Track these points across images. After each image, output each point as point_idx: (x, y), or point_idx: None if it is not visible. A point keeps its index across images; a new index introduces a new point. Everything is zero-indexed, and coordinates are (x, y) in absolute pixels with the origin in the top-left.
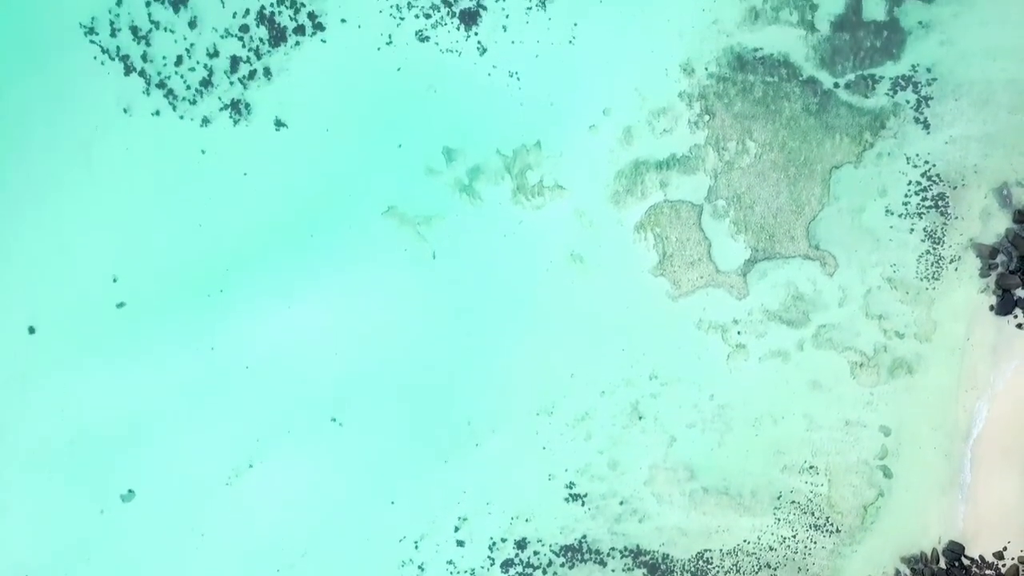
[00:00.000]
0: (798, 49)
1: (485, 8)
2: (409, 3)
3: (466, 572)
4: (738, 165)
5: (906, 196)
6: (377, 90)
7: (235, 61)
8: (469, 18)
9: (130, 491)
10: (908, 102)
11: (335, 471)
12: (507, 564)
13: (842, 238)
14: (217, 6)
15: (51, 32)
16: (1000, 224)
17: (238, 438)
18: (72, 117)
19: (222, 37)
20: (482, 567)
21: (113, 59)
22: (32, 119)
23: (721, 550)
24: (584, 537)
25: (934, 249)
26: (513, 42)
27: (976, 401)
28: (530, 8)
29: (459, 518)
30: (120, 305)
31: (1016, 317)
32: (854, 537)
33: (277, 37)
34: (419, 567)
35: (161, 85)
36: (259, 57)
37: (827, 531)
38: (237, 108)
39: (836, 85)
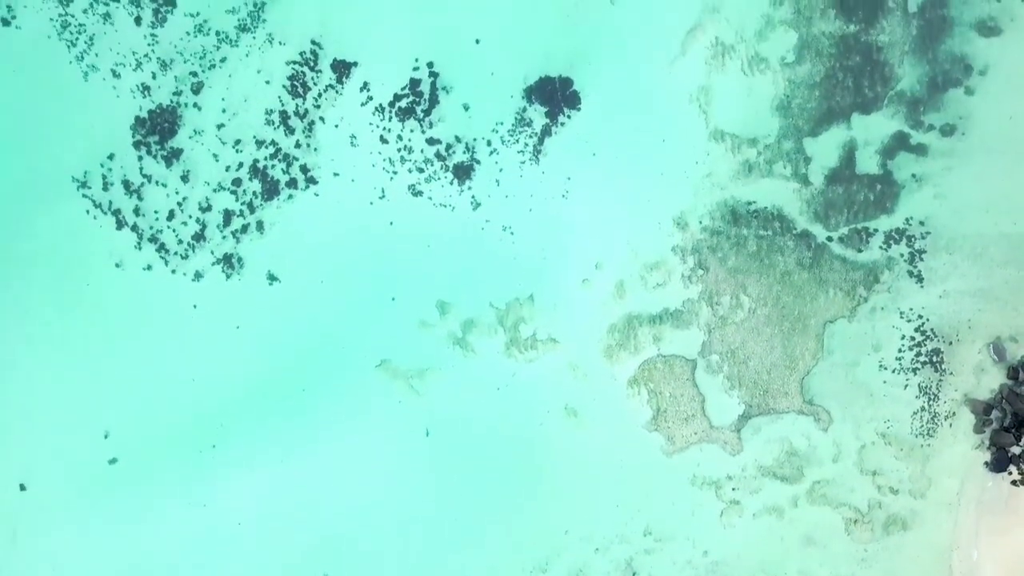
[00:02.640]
0: (792, 202)
1: (479, 162)
2: (403, 157)
3: None
4: (732, 320)
5: (900, 351)
6: (370, 244)
7: (228, 215)
8: (463, 172)
9: None
10: (902, 256)
11: None
12: None
13: (836, 393)
14: (210, 160)
15: (44, 186)
16: (994, 380)
17: None
18: (64, 271)
19: (215, 191)
20: None
21: (105, 213)
22: (24, 273)
23: None
24: None
25: (929, 405)
26: (507, 196)
27: (970, 558)
28: (523, 162)
29: None
30: (112, 461)
31: (1011, 474)
32: None
33: (270, 191)
34: None
35: (153, 239)
36: (252, 211)
37: None
38: (229, 262)
39: (830, 239)
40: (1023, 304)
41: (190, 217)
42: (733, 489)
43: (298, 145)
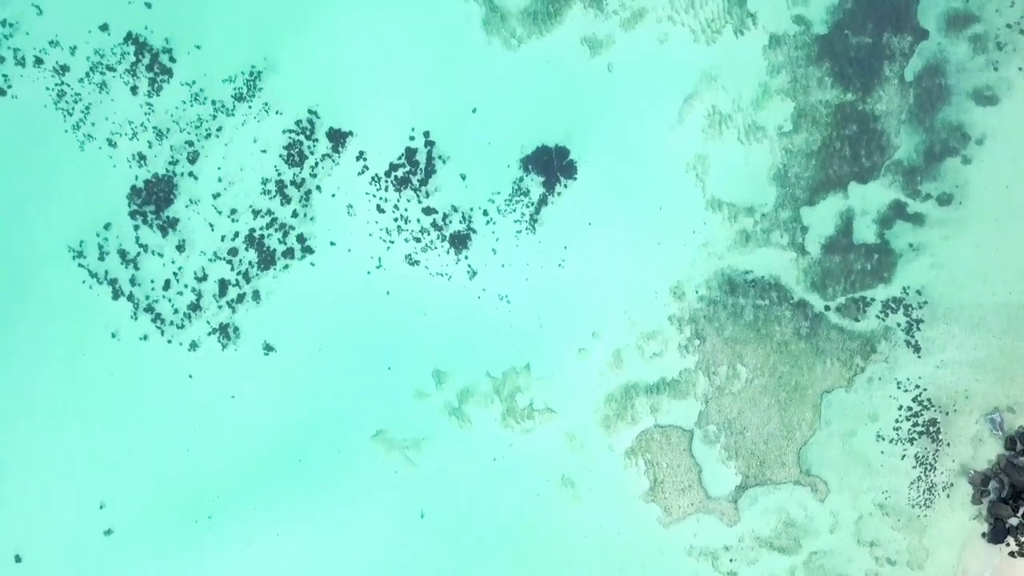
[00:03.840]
0: (789, 272)
1: (475, 231)
2: (399, 227)
3: None
4: (729, 390)
5: (897, 421)
6: (366, 313)
7: (224, 284)
8: (459, 241)
9: None
10: (899, 325)
11: None
12: None
13: (833, 463)
14: (205, 229)
15: (40, 255)
16: (992, 450)
17: None
18: (60, 342)
19: (211, 260)
20: None
21: (101, 283)
22: (20, 343)
23: None
24: None
25: (926, 475)
26: (503, 265)
27: None
28: (520, 231)
29: None
30: (108, 532)
31: (1009, 545)
32: None
33: (266, 260)
34: None
35: (149, 309)
36: (248, 280)
37: None
38: (225, 332)
39: (827, 308)
40: (1021, 374)
41: (186, 287)
42: (730, 560)
43: (295, 214)
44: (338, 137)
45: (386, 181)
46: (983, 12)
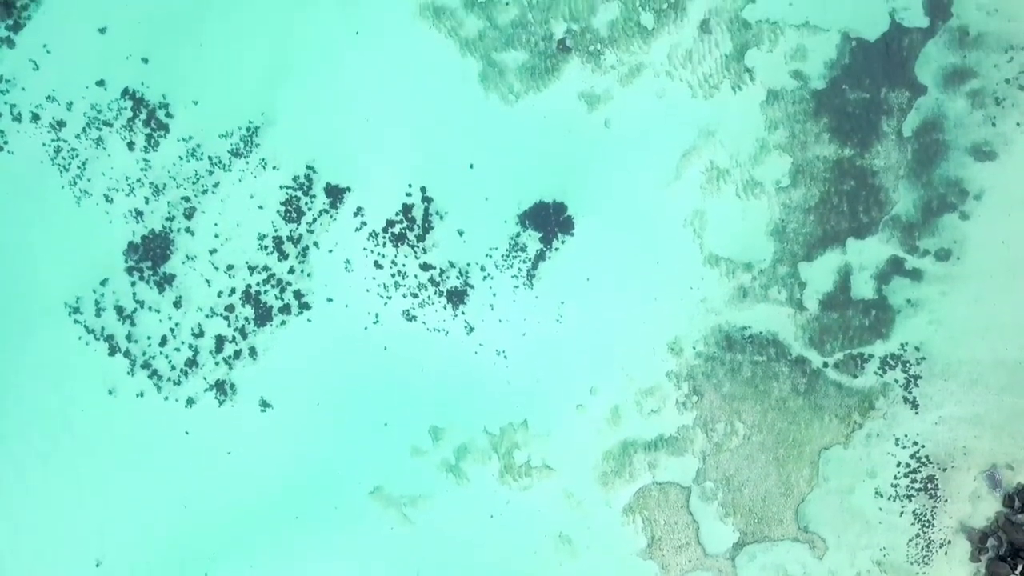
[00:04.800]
0: (787, 328)
1: (472, 287)
2: (397, 282)
3: None
4: (726, 447)
5: (895, 478)
6: (363, 369)
7: (220, 341)
8: (456, 297)
9: None
10: (897, 382)
11: None
12: None
13: (831, 520)
14: (202, 285)
15: (36, 311)
16: (990, 507)
17: None
18: (56, 398)
19: (207, 316)
20: None
21: (98, 339)
22: (16, 399)
23: None
24: None
25: (924, 532)
26: (500, 320)
27: None
28: (517, 287)
29: None
30: None
31: None
32: None
33: (263, 316)
34: None
35: (146, 365)
36: (245, 336)
37: None
38: (222, 389)
39: (825, 364)
40: (1019, 431)
41: (183, 343)
42: None
43: (291, 270)
44: (336, 193)
45: (383, 237)
46: (981, 67)
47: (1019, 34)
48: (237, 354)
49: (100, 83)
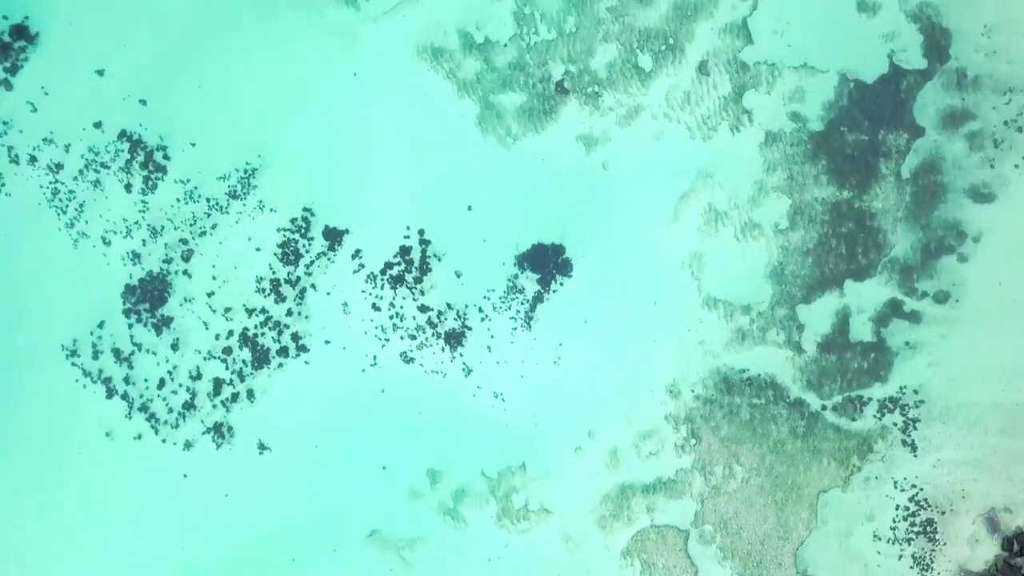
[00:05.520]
0: (785, 370)
1: (470, 329)
2: (394, 325)
3: None
4: (725, 490)
5: (894, 521)
6: (361, 412)
7: (218, 383)
8: (454, 339)
9: None
10: (895, 424)
11: None
12: None
13: (830, 564)
14: (200, 328)
15: (33, 354)
16: (989, 551)
17: None
18: (53, 441)
19: (205, 359)
20: None
21: (95, 382)
22: (13, 442)
23: None
24: None
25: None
26: (498, 363)
27: None
28: (515, 328)
29: None
30: None
31: None
32: None
33: (260, 359)
34: None
35: (143, 408)
36: (242, 379)
37: None
38: (220, 431)
39: (823, 407)
40: (1017, 474)
41: (180, 386)
42: None
43: (289, 313)
44: (334, 235)
45: (381, 279)
46: (979, 109)
47: (1017, 76)
48: (235, 397)
49: (98, 125)
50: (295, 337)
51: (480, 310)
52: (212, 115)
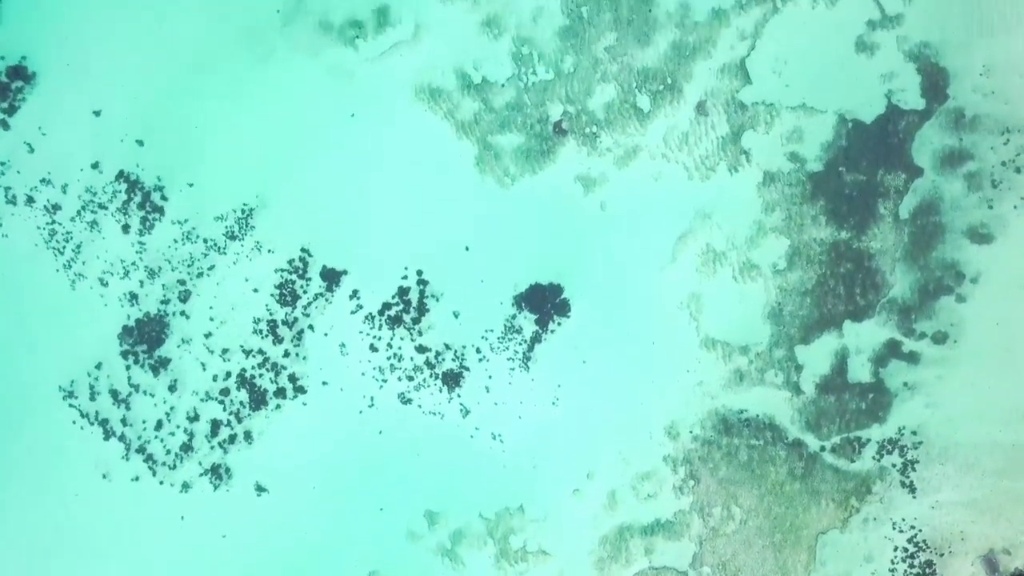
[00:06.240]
0: (783, 411)
1: (468, 369)
2: (392, 365)
3: None
4: (723, 531)
5: (893, 563)
6: (359, 453)
7: (215, 425)
8: (452, 380)
9: None
10: (894, 466)
11: None
12: None
13: None
14: (197, 369)
15: (30, 395)
16: None
17: None
18: (50, 483)
19: (202, 401)
20: None
21: (92, 423)
22: (9, 484)
23: None
24: None
25: None
26: (496, 403)
27: None
28: (513, 369)
29: None
30: None
31: None
32: None
33: (258, 400)
34: None
35: (141, 450)
36: (240, 421)
37: None
38: (217, 473)
39: (822, 448)
40: (1016, 516)
41: (177, 427)
42: None
43: (286, 354)
44: (332, 276)
45: (379, 320)
46: (978, 150)
47: (1015, 117)
48: (232, 438)
49: (95, 166)
50: (292, 378)
51: (478, 350)
52: (209, 156)
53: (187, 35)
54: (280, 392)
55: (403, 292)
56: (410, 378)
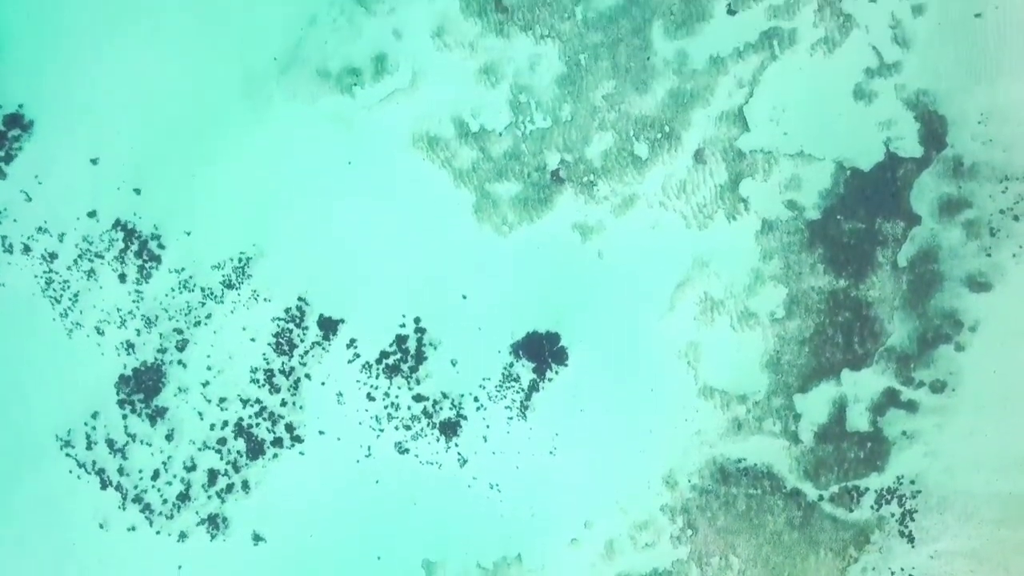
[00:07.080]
0: (781, 460)
1: (465, 418)
2: (389, 415)
3: None
4: None
5: None
6: (356, 502)
7: (213, 474)
8: (449, 429)
9: None
10: (893, 515)
11: None
12: None
13: None
14: (195, 419)
15: (26, 444)
16: None
17: None
18: (47, 533)
19: (200, 450)
20: None
21: (89, 473)
22: (5, 534)
23: None
24: None
25: None
26: (494, 453)
27: None
28: (511, 418)
29: None
30: None
31: None
32: None
33: (255, 450)
34: None
35: (137, 499)
36: (237, 470)
37: None
38: (214, 522)
39: (820, 497)
40: (1014, 565)
41: (175, 476)
42: None
43: (283, 403)
44: (329, 325)
45: (376, 369)
46: (976, 198)
47: (1014, 164)
48: (230, 488)
49: (92, 214)
50: (289, 428)
51: (475, 399)
52: (206, 204)
53: (184, 83)
54: (277, 441)
55: (401, 340)
56: (407, 427)
